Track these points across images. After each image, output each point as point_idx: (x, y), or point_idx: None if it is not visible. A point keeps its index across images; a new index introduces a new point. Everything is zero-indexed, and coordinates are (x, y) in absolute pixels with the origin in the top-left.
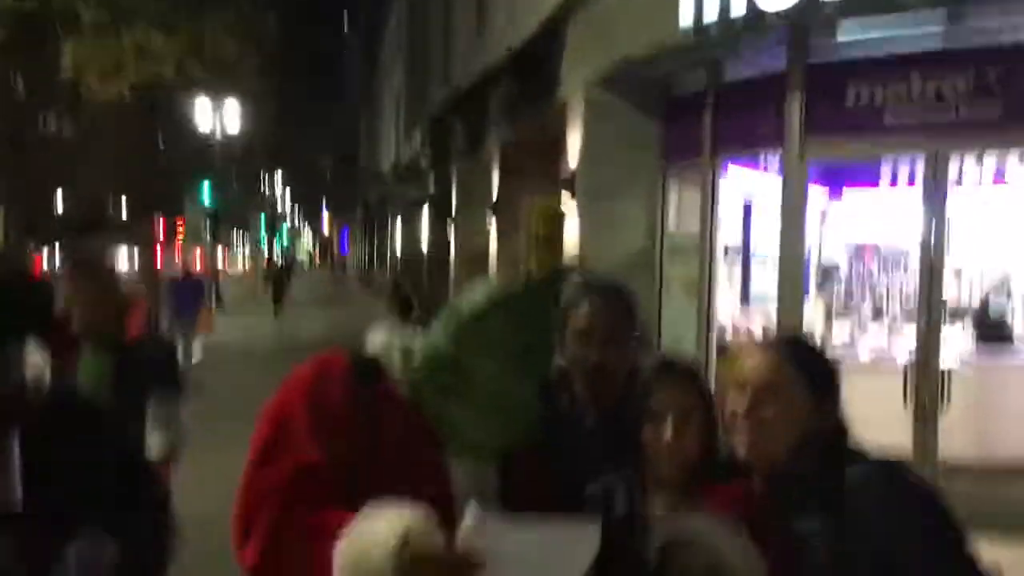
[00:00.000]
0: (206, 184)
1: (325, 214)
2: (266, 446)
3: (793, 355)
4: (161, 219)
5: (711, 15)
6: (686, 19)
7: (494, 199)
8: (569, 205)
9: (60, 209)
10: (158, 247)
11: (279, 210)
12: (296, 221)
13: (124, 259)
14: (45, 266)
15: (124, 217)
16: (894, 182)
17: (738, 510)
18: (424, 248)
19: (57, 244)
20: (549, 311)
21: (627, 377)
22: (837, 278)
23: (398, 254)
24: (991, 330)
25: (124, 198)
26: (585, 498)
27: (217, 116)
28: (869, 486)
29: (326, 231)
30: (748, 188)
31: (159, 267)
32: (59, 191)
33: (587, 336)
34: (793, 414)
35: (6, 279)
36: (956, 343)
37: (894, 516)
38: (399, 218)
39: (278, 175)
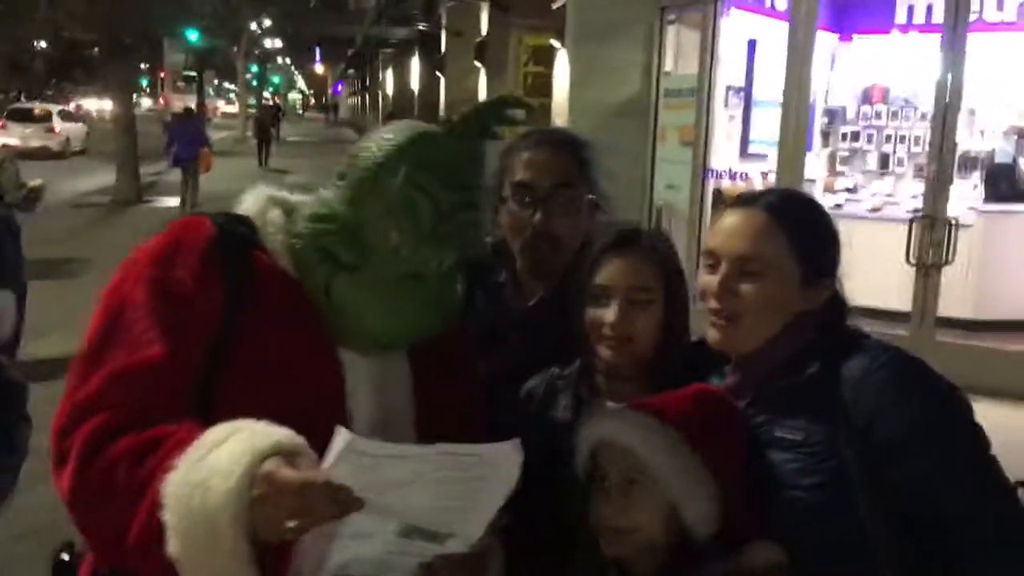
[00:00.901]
0: (189, 30)
1: (318, 56)
2: (95, 342)
3: (783, 215)
4: (141, 65)
5: None
6: None
7: (483, 35)
8: (560, 48)
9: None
10: (134, 95)
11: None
12: (288, 64)
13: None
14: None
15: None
16: (905, 28)
17: (701, 412)
18: (415, 92)
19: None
20: (477, 160)
21: (579, 250)
22: (843, 122)
23: (389, 98)
24: (1000, 181)
25: (98, 40)
26: (520, 401)
27: None
28: (872, 383)
29: (320, 70)
30: (751, 30)
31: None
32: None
33: (528, 192)
34: (778, 291)
35: None
36: (964, 193)
37: (905, 423)
38: (389, 62)
39: (266, 22)
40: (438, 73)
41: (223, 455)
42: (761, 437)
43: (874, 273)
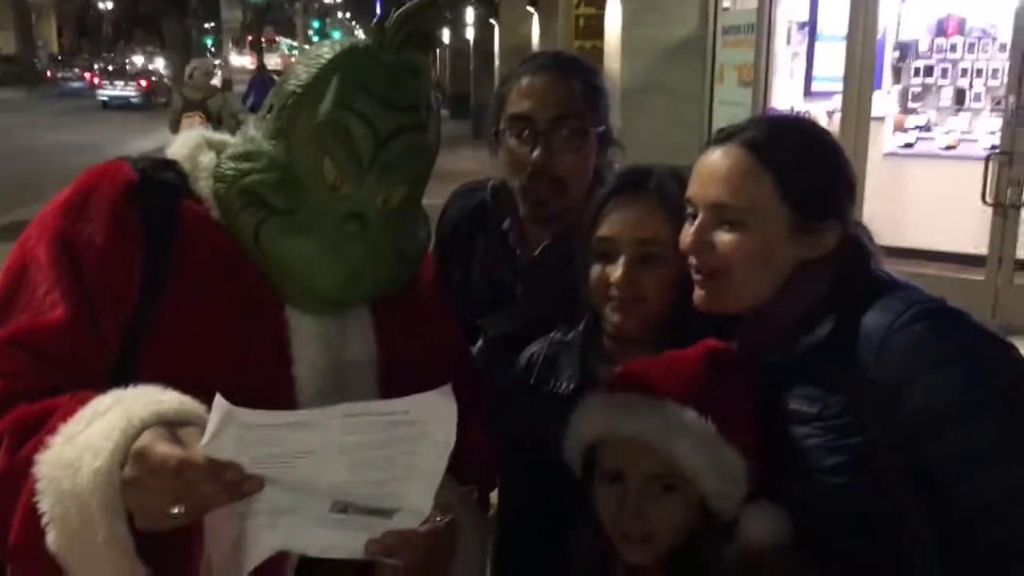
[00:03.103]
0: None
1: (379, 10)
2: None
3: (765, 151)
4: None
5: None
6: None
7: None
8: None
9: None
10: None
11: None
12: (349, 20)
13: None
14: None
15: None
16: None
17: (720, 382)
18: (471, 41)
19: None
20: (417, 74)
21: (586, 193)
22: (916, 55)
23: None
24: None
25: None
26: (519, 369)
27: None
28: (897, 342)
29: None
30: None
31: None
32: None
33: (526, 125)
34: (764, 240)
35: None
36: None
37: (939, 391)
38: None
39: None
40: (492, 21)
41: (97, 429)
42: (772, 411)
43: (949, 215)
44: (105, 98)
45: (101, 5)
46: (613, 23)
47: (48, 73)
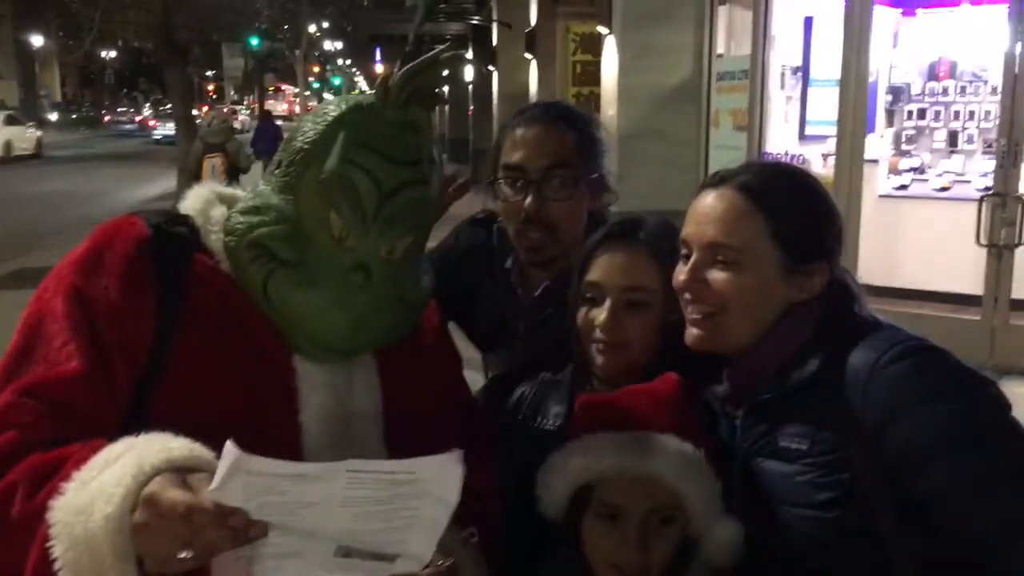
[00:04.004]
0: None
1: (378, 57)
2: (12, 356)
3: (758, 194)
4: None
5: None
6: None
7: (532, 26)
8: (608, 34)
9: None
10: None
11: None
12: (349, 66)
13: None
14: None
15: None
16: (976, 0)
17: (693, 411)
18: (469, 87)
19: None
20: (419, 131)
21: (580, 238)
22: (908, 99)
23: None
24: None
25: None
26: (509, 407)
27: None
28: (881, 380)
29: (380, 70)
30: (807, 7)
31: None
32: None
33: (519, 175)
34: (757, 281)
35: None
36: None
37: (921, 427)
38: None
39: (325, 24)
40: (490, 68)
41: (109, 475)
42: (763, 449)
43: (944, 255)
44: (159, 136)
45: (104, 54)
46: (609, 70)
47: (105, 117)
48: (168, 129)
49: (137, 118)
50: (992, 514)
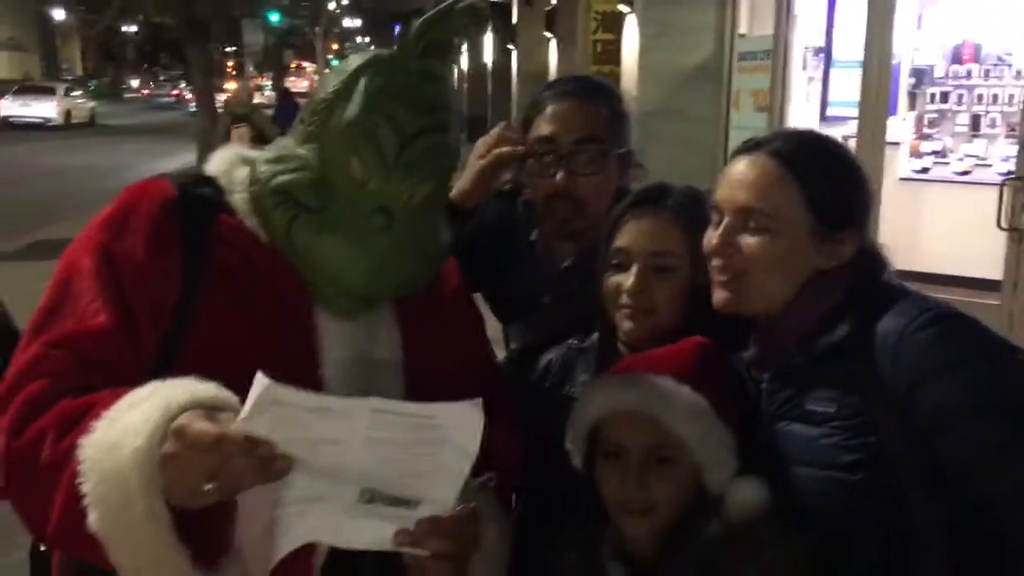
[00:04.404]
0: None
1: (397, 35)
2: (42, 312)
3: (791, 160)
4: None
5: None
6: None
7: (553, 3)
8: (629, 12)
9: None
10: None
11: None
12: (368, 44)
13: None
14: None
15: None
16: None
17: (709, 365)
18: (489, 66)
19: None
20: (438, 80)
21: (606, 213)
22: (931, 82)
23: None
24: None
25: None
26: (536, 374)
27: None
28: (910, 346)
29: None
30: None
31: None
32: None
33: (549, 148)
34: (788, 245)
35: None
36: None
37: (950, 392)
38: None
39: (344, 1)
40: (510, 46)
41: (137, 413)
42: (789, 412)
43: (964, 239)
44: (194, 109)
45: (125, 29)
46: (630, 49)
47: (144, 91)
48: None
49: (173, 92)
50: (1011, 480)
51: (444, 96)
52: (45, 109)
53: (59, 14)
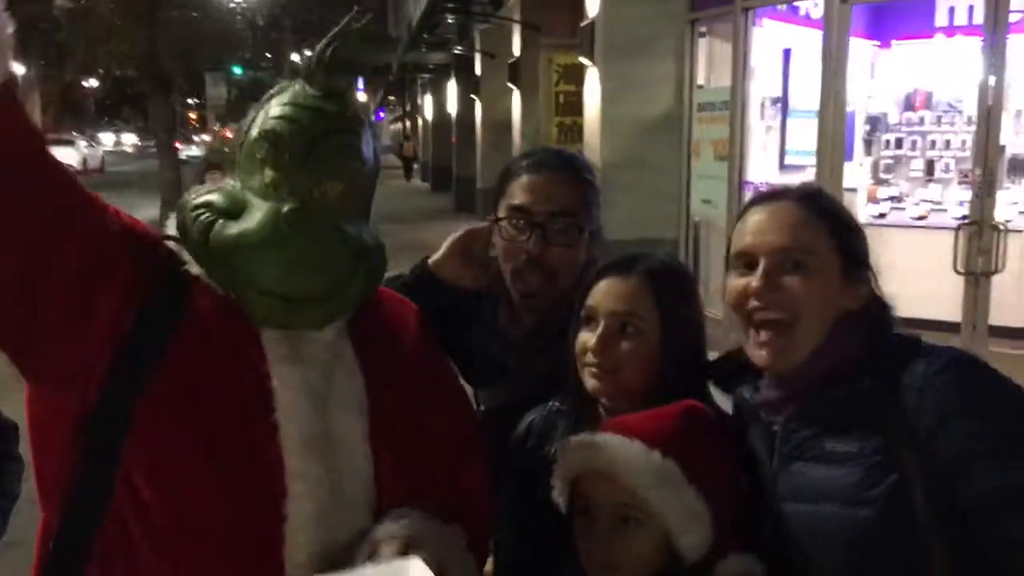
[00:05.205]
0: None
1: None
2: None
3: (815, 204)
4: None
5: None
6: None
7: (516, 56)
8: (590, 66)
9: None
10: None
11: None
12: None
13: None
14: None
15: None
16: (950, 32)
17: (691, 433)
18: (453, 116)
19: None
20: (340, 93)
21: (577, 279)
22: (886, 128)
23: (428, 123)
24: None
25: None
26: (517, 435)
27: None
28: (935, 389)
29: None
30: (785, 40)
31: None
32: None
33: (524, 216)
34: (826, 283)
35: None
36: (1014, 198)
37: (972, 433)
38: (428, 87)
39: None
40: (473, 96)
41: None
42: (806, 453)
43: (922, 283)
44: (185, 157)
45: (86, 84)
46: (592, 100)
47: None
48: (192, 150)
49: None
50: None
51: (349, 106)
52: (64, 156)
53: (19, 69)
